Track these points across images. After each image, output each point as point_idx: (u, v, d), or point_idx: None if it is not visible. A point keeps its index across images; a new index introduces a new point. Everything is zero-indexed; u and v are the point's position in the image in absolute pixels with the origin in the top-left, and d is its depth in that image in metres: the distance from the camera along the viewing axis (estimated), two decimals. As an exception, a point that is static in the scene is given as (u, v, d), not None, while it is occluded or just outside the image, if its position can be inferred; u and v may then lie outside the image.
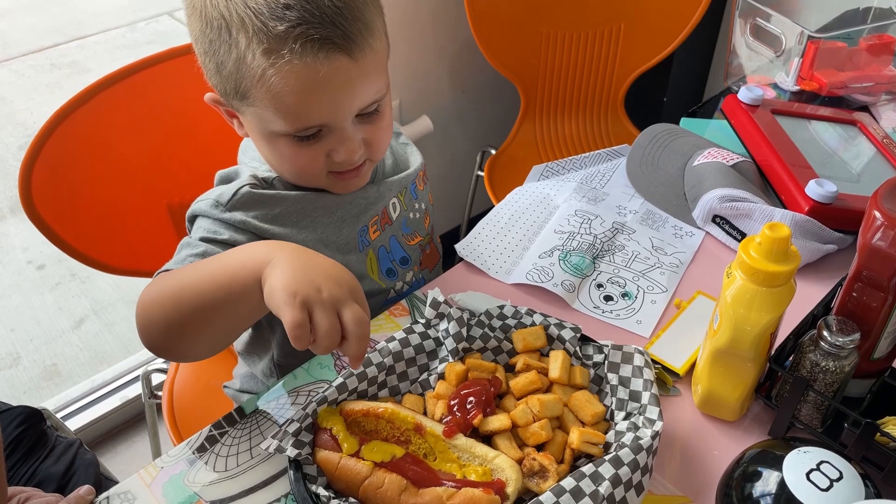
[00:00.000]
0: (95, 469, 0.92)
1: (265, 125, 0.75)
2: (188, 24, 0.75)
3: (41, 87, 3.12)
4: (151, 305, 0.70)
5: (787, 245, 0.63)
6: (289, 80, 0.70)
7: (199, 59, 0.76)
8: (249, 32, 0.69)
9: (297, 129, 0.74)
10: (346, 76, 0.72)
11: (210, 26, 0.71)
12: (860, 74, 1.24)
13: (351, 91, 0.73)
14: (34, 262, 2.19)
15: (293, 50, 0.68)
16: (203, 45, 0.73)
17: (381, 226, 0.91)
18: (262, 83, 0.70)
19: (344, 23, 0.70)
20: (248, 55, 0.70)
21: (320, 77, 0.70)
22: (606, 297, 0.88)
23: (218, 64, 0.73)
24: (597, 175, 1.10)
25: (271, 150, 0.79)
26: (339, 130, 0.76)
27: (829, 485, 0.56)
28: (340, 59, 0.70)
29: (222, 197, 0.81)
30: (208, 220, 0.81)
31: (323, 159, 0.78)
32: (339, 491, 0.65)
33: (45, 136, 0.97)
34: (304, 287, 0.60)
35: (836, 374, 0.67)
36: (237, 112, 0.78)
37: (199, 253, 0.77)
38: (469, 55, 1.77)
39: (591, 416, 0.69)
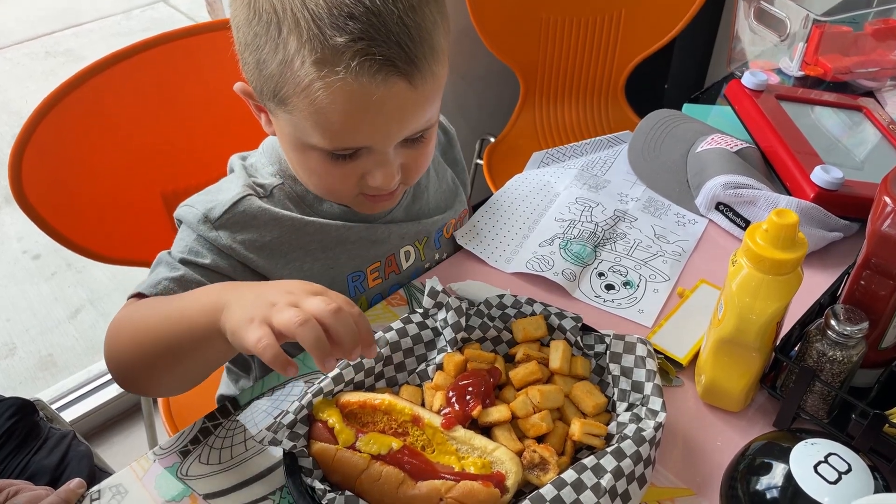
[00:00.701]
0: (89, 461, 0.91)
1: (299, 135, 0.69)
2: (231, 7, 0.69)
3: (36, 75, 3.10)
4: (118, 341, 0.69)
5: (794, 232, 0.61)
6: (337, 98, 0.63)
7: (238, 47, 0.69)
8: (303, 36, 0.62)
9: (336, 147, 0.69)
10: (400, 102, 0.65)
11: (258, 17, 0.64)
12: (865, 59, 1.22)
13: (402, 118, 0.68)
14: (29, 252, 2.17)
15: (349, 67, 0.61)
16: (245, 35, 0.66)
17: (385, 274, 0.87)
18: (307, 94, 0.64)
19: (410, 44, 0.63)
20: (296, 60, 0.63)
21: (373, 100, 0.64)
22: (608, 286, 0.87)
23: (259, 61, 0.66)
24: (598, 162, 1.08)
25: (300, 161, 0.74)
26: (380, 154, 0.70)
27: (837, 477, 0.55)
28: (399, 83, 0.64)
29: (212, 212, 0.75)
30: (192, 236, 0.76)
31: (356, 180, 0.73)
32: (335, 484, 0.63)
33: (35, 123, 0.95)
34: (258, 309, 0.56)
35: (843, 364, 0.66)
36: (270, 112, 0.72)
37: (176, 277, 0.72)
38: (468, 42, 1.75)
39: (593, 407, 0.68)
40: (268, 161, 0.82)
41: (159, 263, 0.75)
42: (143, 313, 0.68)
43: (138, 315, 0.69)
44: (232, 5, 0.69)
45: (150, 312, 0.68)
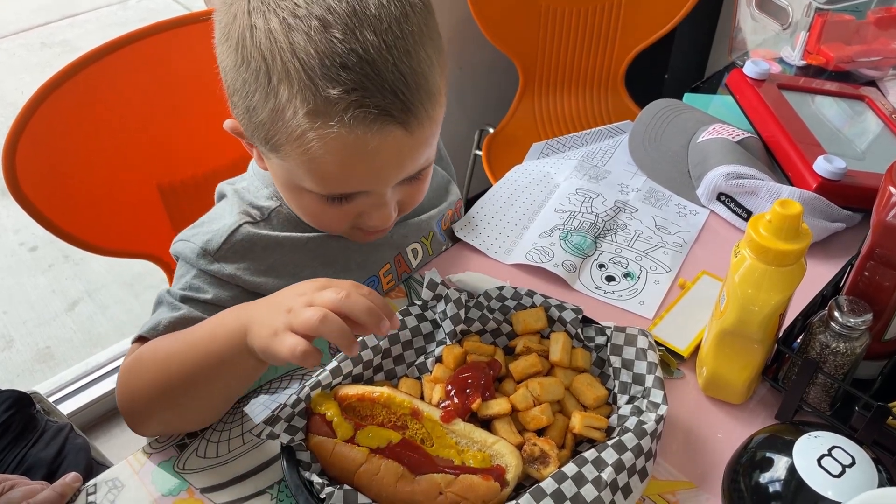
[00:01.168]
0: (86, 454, 0.90)
1: (292, 179, 0.68)
2: (217, 49, 0.66)
3: (31, 66, 3.08)
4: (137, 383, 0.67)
5: (798, 222, 0.60)
6: (331, 149, 0.61)
7: (226, 90, 0.67)
8: (294, 87, 0.59)
9: (332, 193, 0.67)
10: (397, 149, 0.64)
11: (246, 65, 0.61)
12: (868, 48, 1.21)
13: (399, 164, 0.66)
14: (26, 244, 2.16)
15: (343, 120, 0.59)
16: (234, 81, 0.64)
17: (398, 275, 0.86)
18: (300, 144, 0.62)
19: (406, 92, 0.60)
20: (288, 110, 0.60)
21: (368, 150, 0.62)
22: (608, 278, 0.86)
23: (249, 108, 0.63)
24: (598, 152, 1.07)
25: (293, 199, 0.72)
26: (377, 195, 0.69)
27: (841, 471, 0.54)
28: (395, 132, 0.62)
29: (210, 244, 0.74)
30: (192, 272, 0.74)
31: (351, 219, 0.72)
32: (334, 478, 0.63)
33: (29, 113, 0.94)
34: (277, 319, 0.57)
35: (846, 355, 0.65)
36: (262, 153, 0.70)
37: (176, 318, 0.70)
38: (467, 32, 1.74)
39: (594, 399, 0.67)
40: (262, 184, 0.79)
41: (160, 303, 0.73)
42: (165, 351, 0.67)
43: (160, 354, 0.67)
44: (218, 48, 0.65)
45: (172, 349, 0.66)
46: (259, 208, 0.78)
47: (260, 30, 0.60)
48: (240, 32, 0.61)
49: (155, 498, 0.65)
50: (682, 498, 0.64)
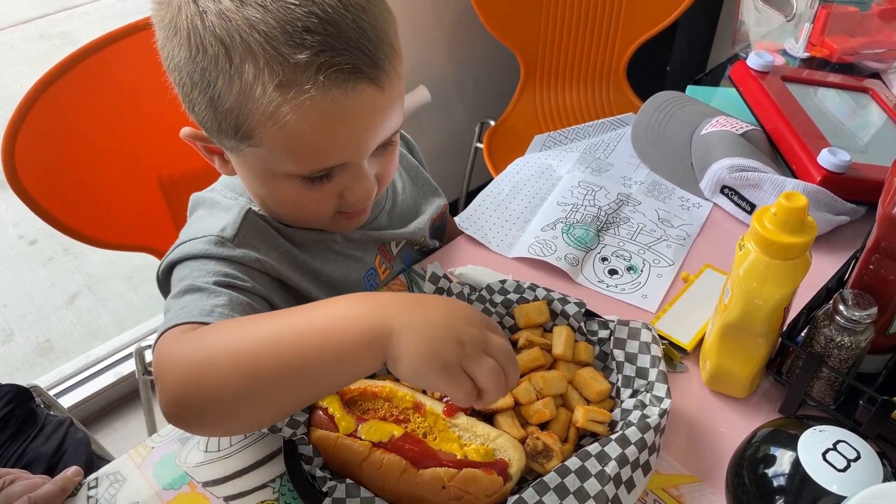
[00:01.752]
0: (87, 448, 0.90)
1: (269, 166, 0.65)
2: (164, 48, 0.63)
3: (30, 58, 3.06)
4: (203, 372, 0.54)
5: (803, 216, 0.60)
6: (308, 118, 0.59)
7: (180, 90, 0.63)
8: (260, 61, 0.57)
9: (312, 171, 0.65)
10: (372, 108, 0.62)
11: (202, 52, 0.58)
12: (872, 40, 1.20)
13: (377, 125, 0.64)
14: (26, 237, 2.16)
15: (317, 82, 0.57)
16: (191, 74, 0.60)
17: (388, 261, 0.85)
18: (274, 122, 0.59)
19: (371, 47, 0.59)
20: (256, 88, 0.58)
21: (346, 111, 0.60)
22: (611, 271, 0.85)
23: (213, 98, 0.60)
24: (601, 145, 1.07)
25: (270, 192, 0.69)
26: (355, 168, 0.67)
27: (846, 465, 0.54)
28: (368, 89, 0.60)
29: (226, 231, 0.69)
30: (213, 262, 0.67)
31: (333, 200, 0.69)
32: (336, 472, 0.63)
33: (28, 106, 0.93)
34: (448, 351, 0.52)
35: (851, 349, 0.65)
36: (229, 150, 0.67)
37: (224, 303, 0.62)
38: (468, 24, 1.73)
39: (597, 393, 0.67)
40: (235, 194, 0.76)
41: (185, 293, 0.64)
42: (241, 336, 0.56)
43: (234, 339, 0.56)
44: (165, 48, 0.63)
45: (261, 340, 0.55)
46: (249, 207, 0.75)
47: (211, 13, 0.58)
48: (189, 22, 0.59)
49: (157, 491, 0.65)
50: (686, 492, 0.64)
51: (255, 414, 0.56)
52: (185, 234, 0.71)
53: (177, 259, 0.69)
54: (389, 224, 0.85)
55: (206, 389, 0.54)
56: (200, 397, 0.54)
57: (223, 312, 0.61)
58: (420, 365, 0.51)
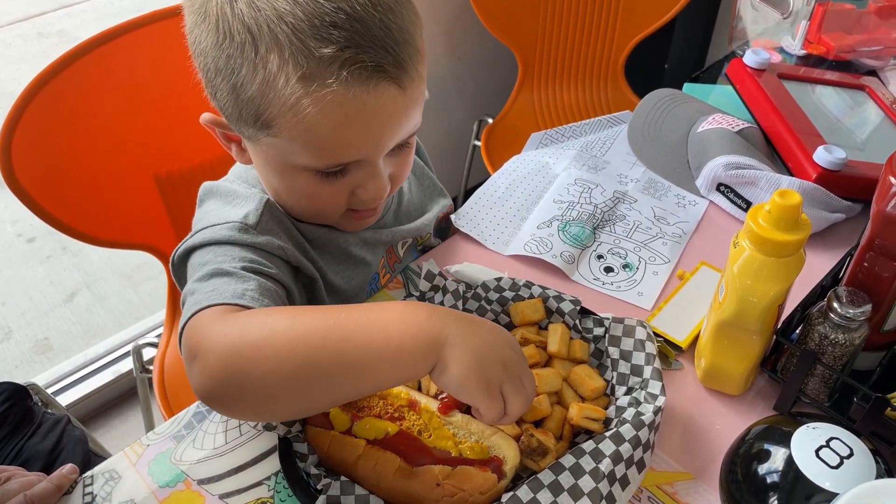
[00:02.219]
0: (84, 446, 0.90)
1: (285, 157, 0.65)
2: (192, 34, 0.64)
3: (28, 56, 3.06)
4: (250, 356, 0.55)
5: (797, 213, 0.60)
6: (328, 112, 0.60)
7: (204, 75, 0.65)
8: (285, 53, 0.58)
9: (328, 165, 0.65)
10: (393, 108, 0.63)
11: (229, 39, 0.59)
12: (869, 38, 1.20)
13: (395, 125, 0.65)
14: (24, 235, 2.16)
15: (339, 78, 0.58)
16: (216, 60, 0.61)
17: (391, 266, 0.86)
18: (294, 113, 0.60)
19: (395, 47, 0.60)
20: (279, 79, 0.59)
21: (366, 109, 0.61)
22: (607, 269, 0.86)
23: (235, 85, 0.61)
24: (597, 142, 1.07)
25: (286, 184, 0.70)
26: (371, 166, 0.67)
27: (839, 462, 0.54)
28: (389, 89, 0.61)
29: (248, 218, 0.69)
30: (237, 248, 0.67)
31: (346, 196, 0.70)
32: (331, 469, 0.63)
33: (24, 104, 0.93)
34: (492, 371, 0.55)
35: (845, 346, 0.65)
36: (247, 139, 0.68)
37: (255, 288, 0.62)
38: (465, 21, 1.72)
39: (591, 390, 0.67)
40: (248, 185, 0.76)
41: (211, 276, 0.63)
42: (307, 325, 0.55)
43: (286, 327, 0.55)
44: (192, 33, 0.63)
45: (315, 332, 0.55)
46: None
47: (241, 1, 0.59)
48: (219, 8, 0.60)
49: (152, 489, 0.65)
50: (680, 489, 0.64)
51: (299, 401, 0.57)
52: (204, 221, 0.71)
53: (197, 244, 0.68)
54: (395, 223, 0.85)
55: (256, 370, 0.54)
56: (249, 377, 0.55)
57: (254, 297, 0.61)
58: (466, 377, 0.54)
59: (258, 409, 0.59)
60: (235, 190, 0.75)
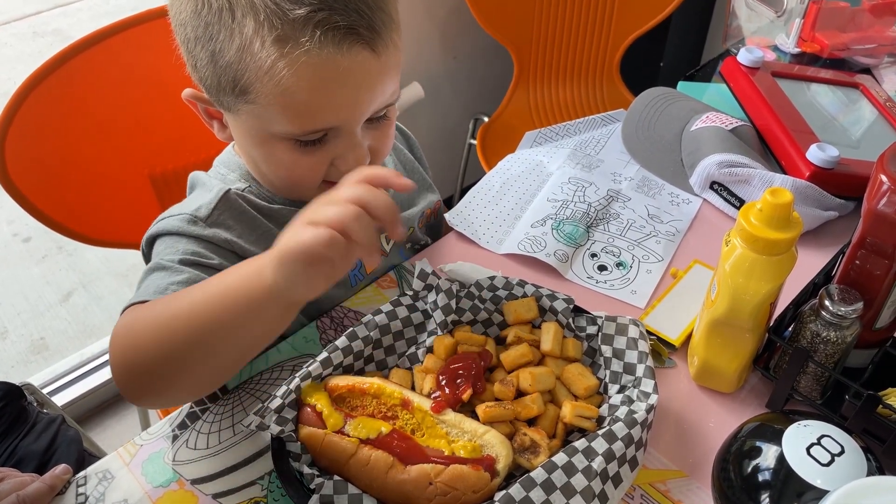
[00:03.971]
0: (78, 446, 0.90)
1: (264, 126, 0.67)
2: (172, 7, 0.66)
3: (24, 55, 3.05)
4: (135, 344, 0.59)
5: (788, 211, 0.60)
6: (303, 74, 0.61)
7: (184, 47, 0.67)
8: (260, 15, 0.60)
9: (305, 131, 0.66)
10: (366, 72, 0.64)
11: (207, 7, 0.62)
12: (863, 36, 1.21)
13: (371, 89, 0.66)
14: (20, 235, 2.15)
15: (313, 38, 0.60)
16: (195, 29, 0.63)
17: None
18: (270, 76, 0.62)
19: (368, 11, 0.62)
20: (255, 42, 0.61)
21: (340, 71, 0.62)
22: (600, 267, 0.86)
23: (214, 52, 0.63)
24: (591, 141, 1.07)
25: (265, 156, 0.71)
26: (348, 135, 0.68)
27: (830, 459, 0.54)
28: (363, 52, 0.63)
29: (200, 212, 0.72)
30: (184, 240, 0.71)
31: (325, 168, 0.70)
32: (324, 468, 0.63)
33: (17, 104, 0.93)
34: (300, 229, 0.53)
35: (837, 344, 0.65)
36: (227, 110, 0.69)
37: (182, 280, 0.65)
38: (461, 19, 1.72)
39: (584, 389, 0.67)
40: (228, 170, 0.79)
41: (151, 271, 0.68)
42: (166, 308, 0.60)
43: (160, 311, 0.60)
44: (172, 6, 0.65)
45: (176, 304, 0.59)
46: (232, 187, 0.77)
47: None
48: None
49: (146, 489, 0.65)
50: (673, 487, 0.64)
51: (187, 378, 0.60)
52: (170, 210, 0.74)
53: (155, 234, 0.73)
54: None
55: (133, 360, 0.59)
56: (129, 368, 0.60)
57: (176, 290, 0.64)
58: (284, 254, 0.52)
59: (161, 393, 0.62)
60: (205, 182, 0.77)
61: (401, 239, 0.59)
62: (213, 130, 0.74)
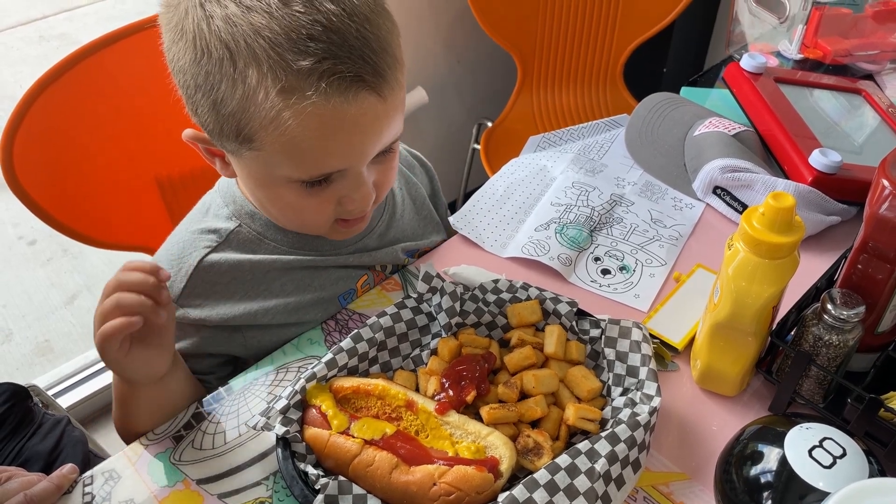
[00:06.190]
0: (83, 446, 0.90)
1: (269, 170, 0.66)
2: (170, 51, 0.64)
3: (30, 59, 3.07)
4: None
5: (791, 215, 0.60)
6: (309, 124, 0.60)
7: (184, 92, 0.65)
8: (263, 66, 0.58)
9: (311, 176, 0.66)
10: (373, 117, 0.63)
11: (207, 56, 0.60)
12: (865, 42, 1.21)
13: (377, 133, 0.65)
14: (25, 238, 2.16)
15: (318, 89, 0.59)
16: (194, 77, 0.62)
17: (376, 281, 0.86)
18: (276, 126, 0.61)
19: (373, 56, 0.61)
20: (259, 93, 0.59)
21: (346, 120, 0.61)
22: (604, 271, 0.86)
23: (216, 101, 0.62)
24: (594, 146, 1.07)
25: (270, 198, 0.71)
26: (354, 175, 0.68)
27: (832, 462, 0.55)
28: (369, 98, 0.62)
29: (174, 287, 0.76)
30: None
31: (332, 207, 0.70)
32: (329, 469, 0.63)
33: (26, 107, 0.94)
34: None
35: (839, 348, 0.65)
36: (230, 153, 0.68)
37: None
38: (465, 24, 1.73)
39: (588, 391, 0.67)
40: (223, 202, 0.79)
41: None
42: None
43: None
44: (170, 50, 0.64)
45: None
46: (216, 231, 0.77)
47: (218, 17, 0.59)
48: (195, 25, 0.60)
49: (151, 489, 0.65)
50: (676, 489, 0.65)
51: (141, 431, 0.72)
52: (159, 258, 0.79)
53: None
54: (378, 246, 0.85)
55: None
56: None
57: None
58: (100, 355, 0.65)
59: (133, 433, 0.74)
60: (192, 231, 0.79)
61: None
62: (214, 167, 0.73)
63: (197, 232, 0.78)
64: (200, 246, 0.77)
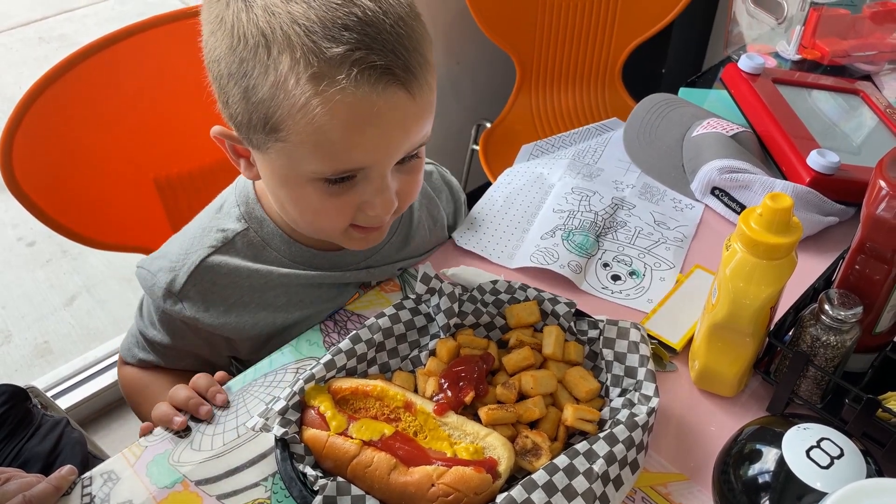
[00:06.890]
0: (82, 448, 0.90)
1: (294, 165, 0.66)
2: (207, 44, 0.65)
3: (29, 60, 3.07)
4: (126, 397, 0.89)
5: (788, 216, 0.61)
6: (337, 113, 0.60)
7: (216, 84, 0.66)
8: (297, 53, 0.59)
9: (336, 170, 0.65)
10: (402, 113, 0.63)
11: (243, 43, 0.61)
12: (863, 43, 1.21)
13: (404, 130, 0.65)
14: (24, 239, 2.16)
15: (349, 76, 0.59)
16: (229, 65, 0.63)
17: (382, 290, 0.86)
18: (304, 114, 0.61)
19: (405, 53, 0.61)
20: (290, 79, 0.60)
21: (374, 111, 0.61)
22: (614, 277, 0.85)
23: (247, 88, 0.62)
24: (588, 150, 1.07)
25: (292, 197, 0.70)
26: (378, 178, 0.67)
27: (829, 462, 0.55)
28: (399, 93, 0.62)
29: (174, 284, 0.77)
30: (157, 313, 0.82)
31: (352, 212, 0.70)
32: (327, 470, 0.63)
33: (25, 108, 0.94)
34: None
35: (837, 348, 0.65)
36: (256, 149, 0.68)
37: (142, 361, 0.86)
38: (463, 26, 1.73)
39: (586, 392, 0.67)
40: (236, 201, 0.80)
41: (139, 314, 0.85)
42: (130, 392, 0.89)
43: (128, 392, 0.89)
44: (208, 44, 0.65)
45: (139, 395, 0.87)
46: (224, 230, 0.78)
47: (257, 6, 0.61)
48: (234, 15, 0.62)
49: (150, 490, 0.66)
50: (674, 490, 0.65)
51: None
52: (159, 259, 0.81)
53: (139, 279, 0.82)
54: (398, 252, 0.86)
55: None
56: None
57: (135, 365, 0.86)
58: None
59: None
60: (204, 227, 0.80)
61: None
62: (239, 169, 0.74)
63: (207, 228, 0.80)
64: (206, 244, 0.78)
